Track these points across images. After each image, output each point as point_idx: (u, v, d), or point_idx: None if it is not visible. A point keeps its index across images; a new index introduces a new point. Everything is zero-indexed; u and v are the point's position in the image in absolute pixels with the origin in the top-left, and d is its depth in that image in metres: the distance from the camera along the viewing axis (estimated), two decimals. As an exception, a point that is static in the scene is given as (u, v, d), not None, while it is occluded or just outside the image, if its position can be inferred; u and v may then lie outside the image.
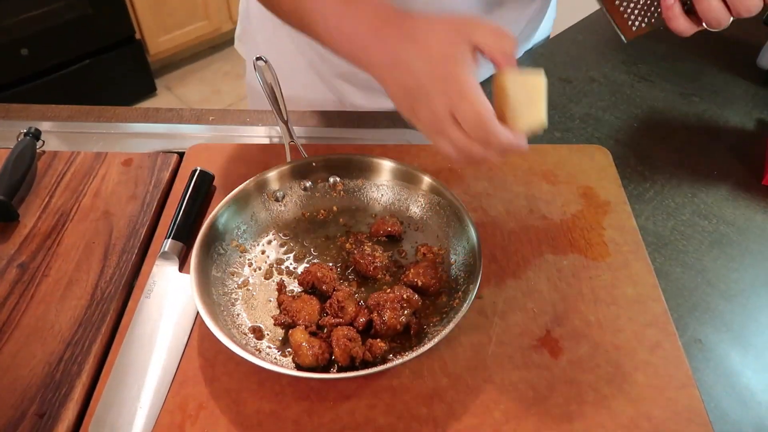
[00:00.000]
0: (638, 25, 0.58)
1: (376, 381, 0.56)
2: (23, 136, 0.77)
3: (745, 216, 0.75)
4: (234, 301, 0.62)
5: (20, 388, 0.55)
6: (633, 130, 0.87)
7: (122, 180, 0.75)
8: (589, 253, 0.67)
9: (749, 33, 1.07)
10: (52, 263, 0.66)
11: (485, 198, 0.73)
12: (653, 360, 0.58)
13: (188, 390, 0.56)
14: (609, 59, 1.02)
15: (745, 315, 0.64)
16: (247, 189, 0.68)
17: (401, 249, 0.68)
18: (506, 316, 0.61)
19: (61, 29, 2.23)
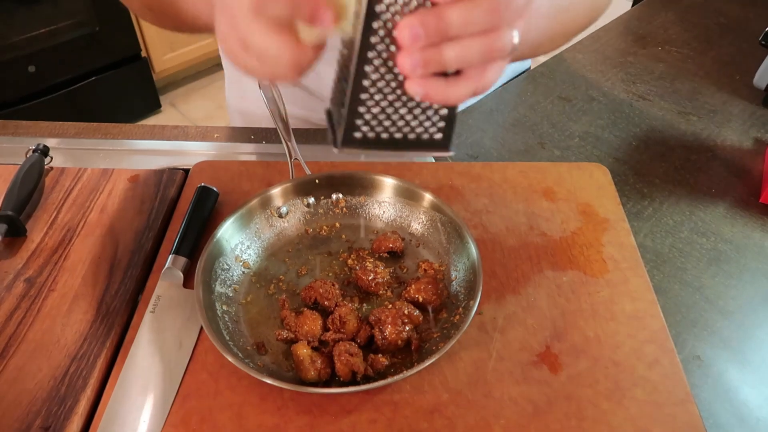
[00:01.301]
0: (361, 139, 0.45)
1: (378, 396, 0.57)
2: (32, 152, 0.78)
3: (743, 233, 0.75)
4: (237, 317, 0.63)
5: (26, 402, 0.56)
6: (632, 149, 0.89)
7: (128, 196, 0.76)
8: (588, 269, 0.68)
9: (746, 53, 1.08)
10: (59, 278, 0.67)
11: (485, 215, 0.74)
12: (652, 376, 0.58)
13: (191, 404, 0.56)
14: (608, 78, 1.03)
15: (743, 332, 0.65)
16: (251, 205, 0.69)
17: (403, 265, 0.69)
18: (506, 332, 0.62)
19: (68, 47, 2.26)
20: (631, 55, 1.09)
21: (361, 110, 0.42)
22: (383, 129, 0.44)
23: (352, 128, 0.43)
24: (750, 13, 1.21)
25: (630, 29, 1.17)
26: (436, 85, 0.40)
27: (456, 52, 0.38)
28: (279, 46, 0.39)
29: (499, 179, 0.79)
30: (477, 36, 0.38)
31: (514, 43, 0.40)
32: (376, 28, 0.39)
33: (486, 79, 0.41)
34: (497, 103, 0.98)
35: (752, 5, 1.23)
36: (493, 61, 0.40)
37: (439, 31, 0.37)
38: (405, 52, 0.38)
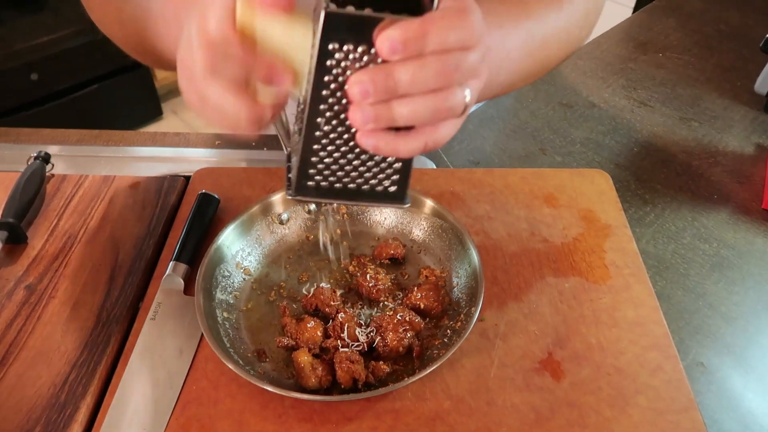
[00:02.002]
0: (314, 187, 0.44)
1: (379, 403, 0.56)
2: (33, 159, 0.78)
3: (745, 239, 0.75)
4: (238, 324, 0.63)
5: (25, 409, 0.56)
6: (633, 155, 0.88)
7: (129, 203, 0.76)
8: (590, 276, 0.68)
9: (747, 59, 1.08)
10: (59, 285, 0.67)
11: (487, 221, 0.74)
12: (655, 383, 0.58)
13: (192, 411, 0.56)
14: (609, 84, 1.03)
15: (746, 338, 0.64)
16: (252, 212, 0.69)
17: (404, 272, 0.69)
18: (508, 339, 0.62)
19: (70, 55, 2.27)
20: (632, 61, 1.09)
21: (314, 160, 0.42)
22: (336, 179, 0.44)
23: (304, 177, 0.43)
24: (750, 20, 1.21)
25: (631, 36, 1.17)
26: (387, 138, 0.40)
27: (406, 110, 0.38)
28: (235, 104, 0.40)
29: (501, 185, 0.78)
30: (427, 95, 0.38)
31: (466, 101, 0.40)
32: (327, 81, 0.39)
33: (438, 136, 0.41)
34: (498, 109, 0.98)
35: (752, 12, 1.23)
36: (445, 120, 0.41)
37: (388, 89, 0.37)
38: (355, 107, 0.39)
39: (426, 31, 0.36)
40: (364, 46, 0.38)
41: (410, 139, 0.40)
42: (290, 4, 0.38)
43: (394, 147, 0.40)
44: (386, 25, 0.37)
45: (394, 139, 0.40)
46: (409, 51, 0.37)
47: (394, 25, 0.36)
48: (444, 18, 0.37)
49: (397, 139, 0.40)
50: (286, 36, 0.39)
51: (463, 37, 0.38)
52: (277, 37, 0.39)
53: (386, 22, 0.37)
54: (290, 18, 0.39)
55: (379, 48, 0.37)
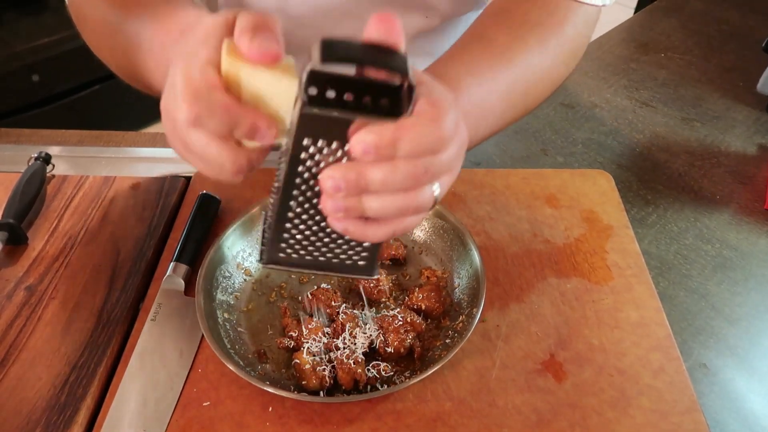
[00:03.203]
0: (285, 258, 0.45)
1: (380, 404, 0.56)
2: (34, 160, 0.78)
3: (748, 240, 0.75)
4: (239, 325, 0.62)
5: (26, 410, 0.56)
6: (635, 155, 0.88)
7: (130, 204, 0.76)
8: (592, 276, 0.68)
9: (749, 60, 1.08)
10: (60, 286, 0.66)
11: (488, 222, 0.74)
12: (657, 384, 0.58)
13: (192, 413, 0.56)
14: (611, 85, 1.03)
15: (749, 339, 0.64)
16: (253, 213, 0.69)
17: (405, 272, 0.68)
18: (510, 340, 0.61)
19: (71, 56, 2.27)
20: (633, 61, 1.09)
21: (285, 236, 0.44)
22: (306, 252, 0.45)
23: (275, 248, 0.44)
24: (752, 21, 1.21)
25: (632, 36, 1.17)
26: (356, 225, 0.41)
27: (375, 205, 0.40)
28: (219, 154, 0.40)
29: (502, 186, 0.78)
30: (396, 193, 0.39)
31: (434, 197, 0.42)
32: (301, 171, 0.40)
33: (405, 225, 0.42)
34: (500, 110, 0.97)
35: (754, 13, 1.23)
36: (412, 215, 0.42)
37: (358, 187, 0.39)
38: (327, 197, 0.40)
39: (399, 136, 0.37)
40: (337, 142, 0.38)
41: (378, 227, 0.41)
42: (276, 57, 0.39)
43: (362, 233, 0.41)
44: (360, 125, 0.37)
45: (363, 226, 0.41)
46: (381, 155, 0.37)
47: (369, 128, 0.37)
48: (417, 125, 0.38)
49: (365, 227, 0.41)
50: (271, 87, 0.39)
51: (434, 142, 0.39)
52: (263, 88, 0.39)
53: (360, 123, 0.37)
54: (275, 69, 0.39)
55: (352, 148, 0.37)
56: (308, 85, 0.36)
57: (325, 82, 0.36)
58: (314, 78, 0.36)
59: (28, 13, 2.14)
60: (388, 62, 0.36)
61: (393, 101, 0.38)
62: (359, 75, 0.38)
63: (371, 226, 0.41)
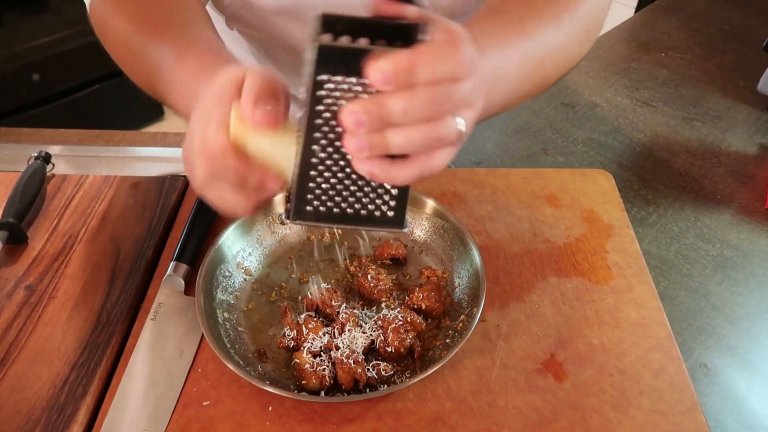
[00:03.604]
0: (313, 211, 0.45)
1: (380, 404, 0.56)
2: (33, 159, 0.78)
3: (748, 240, 0.75)
4: (239, 324, 0.62)
5: (25, 410, 0.56)
6: (636, 155, 0.88)
7: (130, 203, 0.76)
8: (592, 276, 0.67)
9: (750, 59, 1.08)
10: (60, 285, 0.66)
11: (489, 221, 0.74)
12: (658, 384, 0.58)
13: (192, 412, 0.56)
14: (611, 84, 1.03)
15: (750, 339, 0.64)
16: (252, 212, 0.69)
17: (405, 272, 0.68)
18: (510, 340, 0.61)
19: (72, 55, 2.27)
20: (634, 61, 1.09)
21: (311, 185, 0.43)
22: (334, 204, 0.44)
23: (302, 202, 0.44)
24: (753, 21, 1.20)
25: (633, 35, 1.17)
26: (382, 165, 0.40)
27: (399, 139, 0.39)
28: (232, 201, 0.45)
29: (503, 186, 0.78)
30: (419, 124, 0.39)
31: (460, 130, 0.41)
32: (320, 110, 0.40)
33: (432, 164, 0.42)
34: (500, 109, 0.97)
35: (755, 12, 1.23)
36: (439, 149, 0.41)
37: (380, 119, 0.38)
38: (350, 135, 0.40)
39: (416, 62, 0.37)
40: (355, 77, 0.39)
41: (405, 167, 0.41)
42: (275, 124, 0.41)
43: (389, 174, 0.41)
44: (377, 56, 0.37)
45: (389, 166, 0.41)
46: (400, 82, 0.37)
47: (385, 56, 0.37)
48: (433, 50, 0.38)
49: (392, 167, 0.41)
50: (274, 147, 0.43)
51: (452, 69, 0.39)
52: (267, 147, 0.43)
53: (376, 53, 0.37)
54: (278, 131, 0.42)
55: (370, 78, 0.38)
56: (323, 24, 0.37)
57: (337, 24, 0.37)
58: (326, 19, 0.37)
59: (29, 12, 2.14)
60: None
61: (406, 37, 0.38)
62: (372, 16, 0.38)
63: (397, 166, 0.40)
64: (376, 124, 0.38)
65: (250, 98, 0.41)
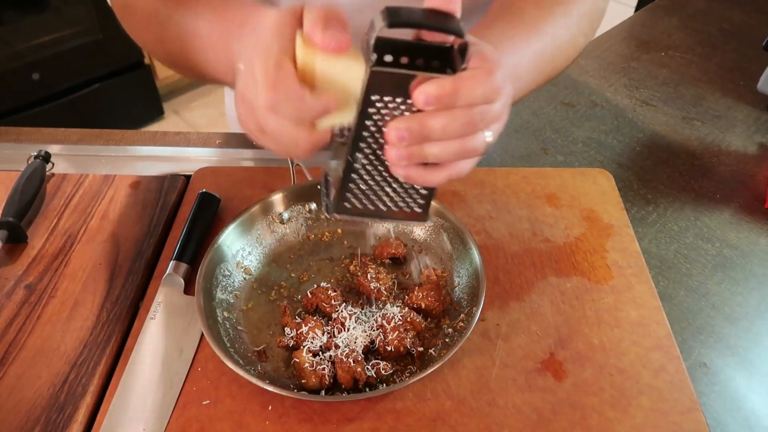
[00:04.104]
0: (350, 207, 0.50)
1: (380, 403, 0.56)
2: (33, 158, 0.78)
3: (748, 239, 0.75)
4: (238, 323, 0.62)
5: (25, 409, 0.56)
6: (635, 154, 0.88)
7: (129, 202, 0.76)
8: (592, 276, 0.67)
9: (750, 59, 1.08)
10: (59, 284, 0.66)
11: (488, 221, 0.74)
12: (658, 384, 0.58)
13: (192, 412, 0.56)
14: (611, 84, 1.03)
15: (749, 339, 0.64)
16: (252, 211, 0.69)
17: (405, 271, 0.68)
18: (510, 339, 0.61)
19: (71, 54, 2.27)
20: (634, 60, 1.09)
21: (352, 186, 0.49)
22: (370, 201, 0.50)
23: (343, 199, 0.49)
24: (753, 20, 1.20)
25: (633, 35, 1.17)
26: (417, 171, 0.46)
27: (435, 151, 0.44)
28: (294, 135, 0.45)
29: (502, 185, 0.78)
30: (454, 139, 0.44)
31: (488, 141, 0.46)
32: (368, 125, 0.45)
33: (460, 168, 0.47)
34: (500, 108, 0.97)
35: (755, 12, 1.23)
36: (468, 158, 0.47)
37: (421, 136, 0.43)
38: (392, 146, 0.44)
39: (457, 88, 0.42)
40: (401, 97, 0.43)
41: (437, 171, 0.46)
42: (347, 46, 0.43)
43: (423, 178, 0.46)
44: (422, 81, 0.42)
45: (423, 171, 0.46)
46: (442, 104, 0.42)
47: (431, 81, 0.42)
48: (473, 78, 0.42)
49: (425, 172, 0.46)
50: (344, 72, 0.44)
51: (488, 93, 0.43)
52: (336, 73, 0.44)
53: (421, 78, 0.42)
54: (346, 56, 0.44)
55: (415, 100, 0.42)
56: (375, 47, 0.41)
57: (387, 47, 0.42)
58: (379, 43, 0.41)
59: (29, 11, 2.14)
60: (446, 25, 0.41)
61: (446, 59, 0.44)
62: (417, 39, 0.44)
63: (430, 171, 0.46)
64: (416, 139, 0.43)
65: (318, 24, 0.42)
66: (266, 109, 0.44)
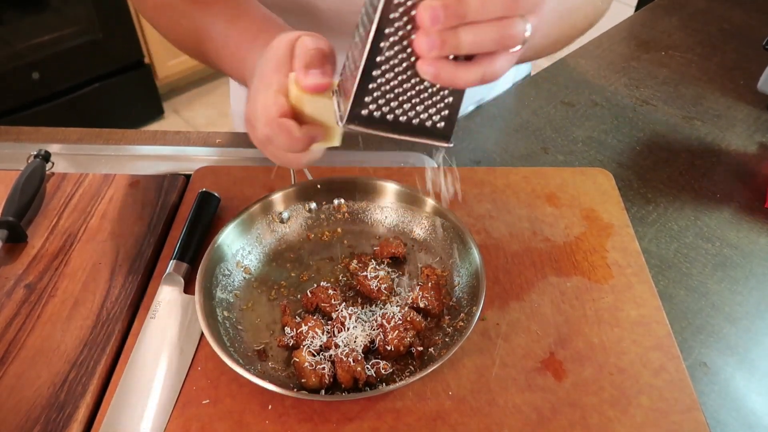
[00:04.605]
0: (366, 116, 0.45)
1: (380, 403, 0.56)
2: (33, 158, 0.78)
3: (748, 239, 0.75)
4: (238, 323, 0.62)
5: (25, 409, 0.56)
6: (635, 153, 0.88)
7: (129, 202, 0.76)
8: (592, 275, 0.67)
9: (750, 58, 1.08)
10: (59, 284, 0.66)
11: (488, 220, 0.74)
12: (658, 383, 0.58)
13: (192, 411, 0.56)
14: (611, 83, 1.03)
15: (749, 338, 0.64)
16: (252, 211, 0.69)
17: (405, 271, 0.68)
18: (510, 338, 0.61)
19: (71, 54, 2.27)
20: (634, 59, 1.09)
21: (371, 87, 0.43)
22: (389, 110, 0.44)
23: (359, 104, 0.44)
24: (753, 20, 1.20)
25: (633, 34, 1.17)
26: (447, 67, 0.41)
27: (471, 37, 0.40)
28: (288, 157, 0.53)
29: (502, 184, 0.78)
30: (492, 22, 0.40)
31: (526, 35, 0.41)
32: (396, 3, 0.40)
33: (495, 67, 0.42)
34: (500, 108, 0.97)
35: (756, 11, 1.23)
36: (505, 50, 0.42)
37: (457, 15, 0.39)
38: (423, 32, 0.40)
39: None
40: None
41: (469, 69, 0.42)
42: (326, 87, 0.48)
43: (453, 76, 0.41)
44: None
45: (454, 68, 0.41)
46: None
47: None
48: None
49: (456, 69, 0.41)
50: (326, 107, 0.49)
51: None
52: (319, 108, 0.49)
53: None
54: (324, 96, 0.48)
55: None
56: None
57: None
58: None
59: (29, 11, 2.14)
60: None
61: None
62: None
63: (462, 68, 0.41)
64: (452, 20, 0.39)
65: (301, 70, 0.48)
66: (264, 139, 0.51)
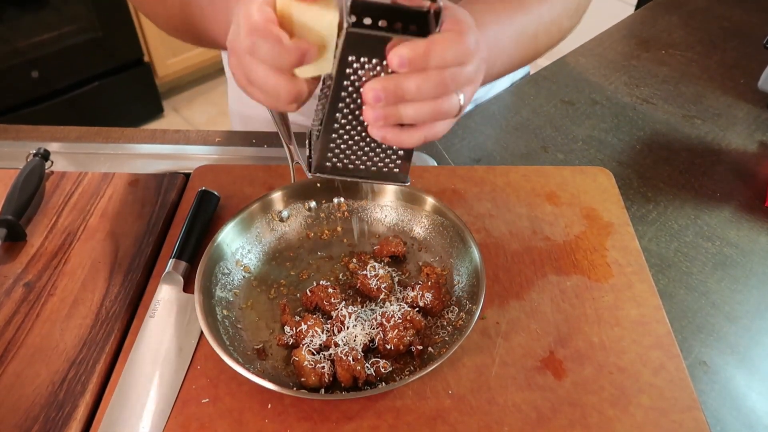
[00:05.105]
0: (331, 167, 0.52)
1: (379, 402, 0.56)
2: (32, 156, 0.78)
3: (748, 238, 0.75)
4: (238, 321, 0.62)
5: (24, 408, 0.55)
6: (636, 152, 0.88)
7: (129, 200, 0.76)
8: (592, 274, 0.67)
9: (750, 57, 1.08)
10: (58, 282, 0.66)
11: (488, 219, 0.74)
12: (658, 382, 0.58)
13: (191, 410, 0.56)
14: (611, 82, 1.03)
15: (749, 337, 0.64)
16: (252, 209, 0.69)
17: (405, 269, 0.68)
18: (510, 337, 0.61)
19: (71, 52, 2.27)
20: (634, 58, 1.09)
21: (332, 146, 0.51)
22: (350, 161, 0.52)
23: (324, 158, 0.51)
24: (754, 18, 1.20)
25: (633, 33, 1.17)
26: (393, 132, 0.48)
27: (410, 112, 0.46)
28: (276, 82, 0.47)
29: (502, 183, 0.78)
30: (428, 100, 0.46)
31: (460, 105, 0.48)
32: (346, 85, 0.47)
33: (435, 131, 0.49)
34: (500, 106, 0.97)
35: (756, 10, 1.23)
36: (442, 119, 0.48)
37: (396, 96, 0.45)
38: (369, 107, 0.46)
39: (430, 50, 0.44)
40: (377, 59, 0.45)
41: (412, 133, 0.48)
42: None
43: (398, 139, 0.48)
44: (396, 43, 0.44)
45: (399, 132, 0.48)
46: (415, 66, 0.44)
47: (404, 44, 0.44)
48: (445, 40, 0.44)
49: (401, 133, 0.48)
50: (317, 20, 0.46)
51: (460, 55, 0.45)
52: (310, 21, 0.46)
53: (396, 41, 0.44)
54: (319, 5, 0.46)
55: (390, 62, 0.44)
56: (352, 9, 0.43)
57: (365, 10, 0.44)
58: (356, 5, 0.43)
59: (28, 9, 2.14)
60: None
61: (423, 23, 0.46)
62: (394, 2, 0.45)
63: (406, 132, 0.48)
64: (392, 99, 0.45)
65: None
66: (247, 52, 0.46)
